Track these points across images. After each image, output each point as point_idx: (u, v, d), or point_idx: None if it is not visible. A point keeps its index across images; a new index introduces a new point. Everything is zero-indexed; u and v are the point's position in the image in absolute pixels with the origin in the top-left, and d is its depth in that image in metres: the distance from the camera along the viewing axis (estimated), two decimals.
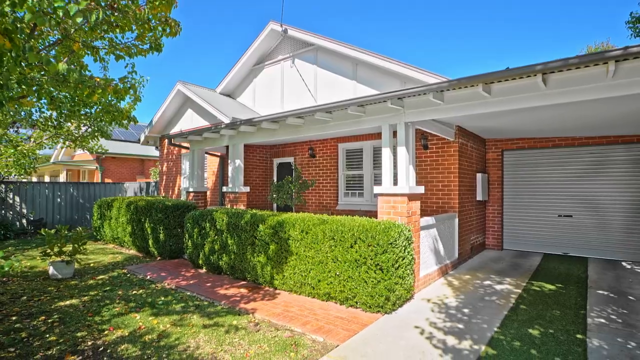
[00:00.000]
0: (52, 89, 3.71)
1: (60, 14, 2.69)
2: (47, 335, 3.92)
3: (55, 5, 2.71)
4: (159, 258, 8.24)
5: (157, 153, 19.56)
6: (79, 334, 3.96)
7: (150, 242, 8.31)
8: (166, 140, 12.56)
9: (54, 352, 3.54)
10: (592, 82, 3.85)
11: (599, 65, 3.65)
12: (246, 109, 10.98)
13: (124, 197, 10.38)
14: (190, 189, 8.90)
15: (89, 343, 3.75)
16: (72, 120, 7.76)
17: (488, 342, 3.79)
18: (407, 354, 3.51)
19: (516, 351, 3.57)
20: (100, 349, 3.61)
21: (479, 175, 8.36)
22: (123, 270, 7.07)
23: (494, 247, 9.03)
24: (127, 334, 3.98)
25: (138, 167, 20.76)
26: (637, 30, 7.68)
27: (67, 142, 10.43)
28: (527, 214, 8.78)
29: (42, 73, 3.66)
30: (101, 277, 6.59)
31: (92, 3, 3.20)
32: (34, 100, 4.40)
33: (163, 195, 12.74)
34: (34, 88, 3.82)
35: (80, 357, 3.43)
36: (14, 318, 4.45)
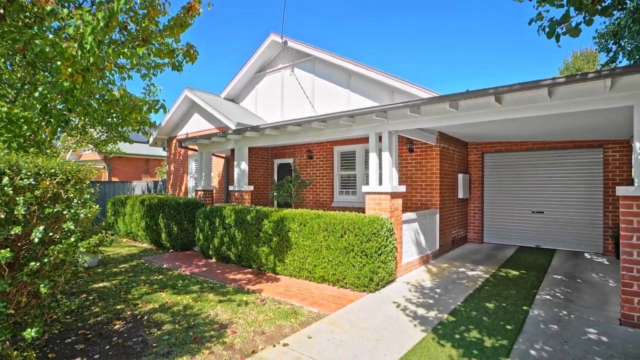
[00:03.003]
0: (96, 106, 4.58)
1: (125, 59, 3.55)
2: (93, 308, 4.81)
3: (120, 51, 3.56)
4: (171, 250, 9.11)
5: (161, 153, 20.39)
6: (118, 307, 4.85)
7: (162, 235, 9.19)
8: (174, 142, 13.43)
9: (102, 318, 4.43)
10: (535, 102, 4.75)
11: (539, 89, 4.53)
12: (249, 113, 11.85)
13: (137, 195, 11.25)
14: (199, 188, 9.77)
15: (128, 313, 4.64)
16: (96, 127, 8.62)
17: (450, 312, 4.70)
18: (384, 320, 4.41)
19: (471, 318, 4.48)
20: (139, 316, 4.50)
21: (460, 176, 9.26)
22: (141, 260, 7.95)
23: (474, 240, 9.94)
24: (157, 306, 4.87)
25: (143, 166, 21.61)
26: (602, 46, 8.56)
27: (89, 146, 11.31)
28: (505, 211, 9.69)
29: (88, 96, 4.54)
30: (123, 266, 7.47)
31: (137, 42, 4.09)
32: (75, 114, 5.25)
33: (171, 193, 13.61)
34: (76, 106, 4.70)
35: (124, 322, 4.32)
36: (59, 296, 5.33)
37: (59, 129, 3.93)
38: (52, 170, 2.28)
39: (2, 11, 4.23)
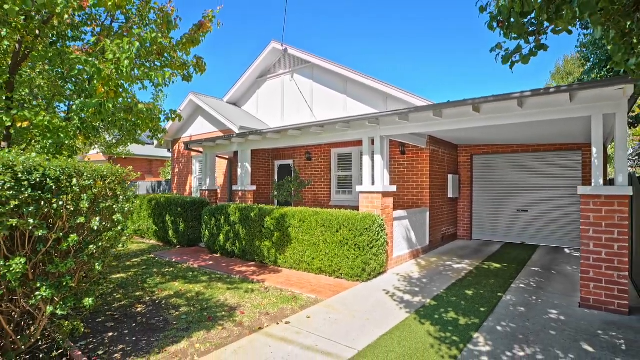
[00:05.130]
0: (120, 115, 5.17)
1: (153, 78, 4.16)
2: (115, 294, 5.40)
3: (150, 73, 4.16)
4: (178, 246, 9.70)
5: (164, 154, 20.97)
6: (137, 294, 5.44)
7: (170, 232, 9.77)
8: (179, 144, 14.01)
9: (125, 303, 5.02)
10: (509, 112, 5.35)
11: (510, 101, 5.12)
12: (250, 116, 12.44)
13: (145, 195, 11.82)
14: (204, 187, 10.36)
15: (147, 298, 5.23)
16: (110, 132, 9.22)
17: (433, 297, 5.29)
18: (374, 304, 5.01)
19: (451, 302, 5.08)
20: (157, 301, 5.09)
21: (450, 176, 9.86)
22: (151, 255, 8.53)
23: (464, 237, 10.55)
24: (172, 293, 5.46)
25: (146, 166, 22.16)
26: (582, 54, 9.18)
27: (102, 148, 11.91)
28: (492, 209, 10.30)
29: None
30: (135, 260, 8.05)
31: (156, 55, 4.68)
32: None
33: (175, 192, 14.19)
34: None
35: (145, 306, 4.91)
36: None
37: (90, 136, 4.52)
38: (104, 173, 2.86)
39: (37, 32, 4.81)
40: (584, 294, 4.75)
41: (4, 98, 4.40)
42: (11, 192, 2.22)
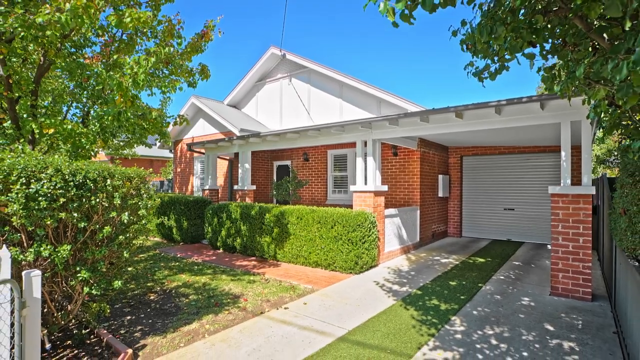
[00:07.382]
0: (132, 121, 5.65)
1: (161, 87, 4.65)
2: (128, 285, 5.88)
3: (162, 83, 4.65)
4: (181, 243, 10.17)
5: (166, 154, 21.40)
6: (148, 284, 5.93)
7: (174, 230, 10.24)
8: (180, 145, 14.47)
9: (138, 292, 5.51)
10: (488, 118, 5.87)
11: (488, 108, 5.63)
12: (250, 119, 12.92)
13: None
14: (206, 187, 10.83)
15: (158, 288, 5.71)
16: (118, 135, 9.70)
17: (419, 287, 5.81)
18: (364, 293, 5.51)
19: (435, 291, 5.59)
20: (167, 290, 5.58)
21: (440, 177, 10.38)
22: (156, 251, 9.00)
23: (454, 234, 11.08)
24: (180, 284, 5.95)
25: (148, 167, 22.58)
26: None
27: (108, 150, 12.37)
28: (481, 208, 10.83)
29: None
30: (141, 255, 8.52)
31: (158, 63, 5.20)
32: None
33: (178, 192, 14.65)
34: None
35: (157, 294, 5.40)
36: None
37: (108, 140, 5.00)
38: (131, 175, 3.35)
39: (59, 45, 5.29)
40: (553, 283, 5.27)
41: (29, 105, 4.88)
42: (60, 191, 2.71)
